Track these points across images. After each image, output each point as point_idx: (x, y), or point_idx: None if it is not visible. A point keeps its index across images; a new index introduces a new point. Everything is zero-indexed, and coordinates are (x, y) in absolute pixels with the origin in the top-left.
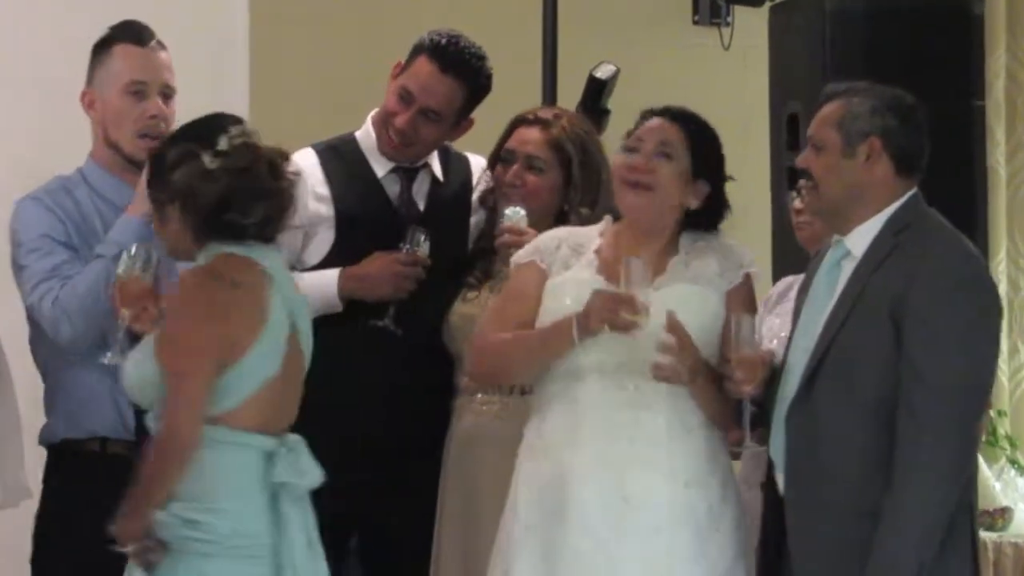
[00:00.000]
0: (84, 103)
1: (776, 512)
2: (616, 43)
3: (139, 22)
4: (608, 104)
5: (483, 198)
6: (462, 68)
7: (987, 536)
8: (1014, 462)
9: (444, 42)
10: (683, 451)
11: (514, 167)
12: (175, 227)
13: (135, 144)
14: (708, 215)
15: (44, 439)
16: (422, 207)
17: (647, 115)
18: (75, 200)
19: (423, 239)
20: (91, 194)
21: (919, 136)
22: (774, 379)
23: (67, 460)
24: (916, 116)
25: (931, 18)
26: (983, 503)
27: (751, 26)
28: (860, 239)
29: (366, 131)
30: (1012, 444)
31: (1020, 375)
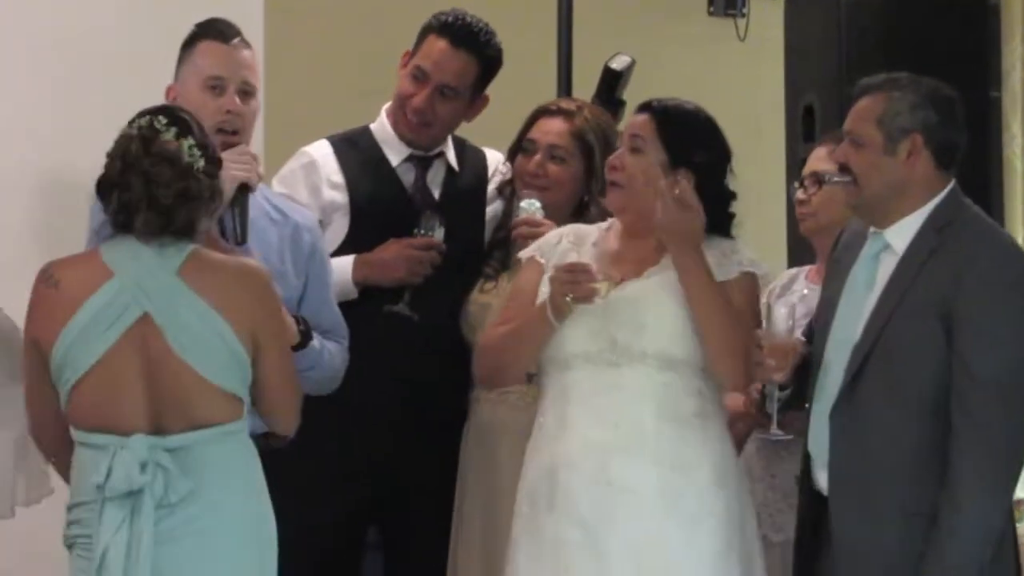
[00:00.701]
0: (168, 98)
1: (813, 508)
2: (632, 34)
3: (225, 20)
4: (623, 95)
5: (501, 188)
6: (473, 41)
7: None
8: None
9: (451, 19)
10: (672, 436)
11: (536, 157)
12: None
13: (212, 139)
14: (706, 210)
15: None
16: (437, 195)
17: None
18: None
19: (438, 225)
20: None
21: (958, 129)
22: (805, 369)
23: None
24: (955, 109)
25: (947, 9)
26: None
27: (766, 17)
28: (901, 234)
29: (380, 122)
30: None
31: None
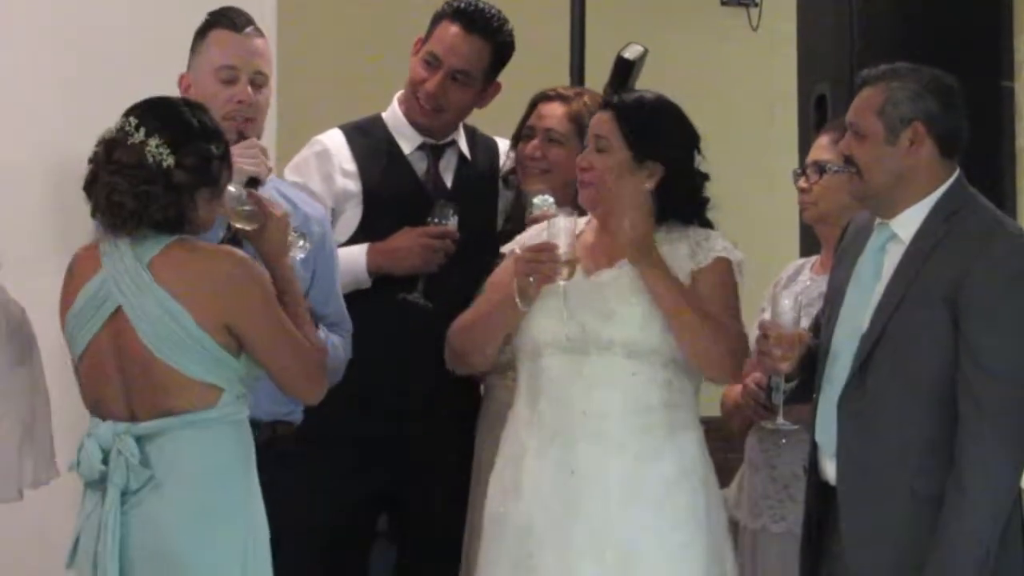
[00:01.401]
0: (181, 87)
1: (820, 499)
2: (644, 24)
3: (237, 8)
4: (636, 85)
5: (505, 177)
6: (486, 27)
7: None
8: None
9: (465, 5)
10: (637, 425)
11: (533, 141)
12: None
13: (223, 127)
14: (678, 199)
15: None
16: (449, 184)
17: None
18: None
19: (451, 213)
20: None
21: (960, 117)
22: (811, 360)
23: None
24: (956, 97)
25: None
26: None
27: (779, 7)
28: (907, 223)
29: (392, 110)
30: None
31: None
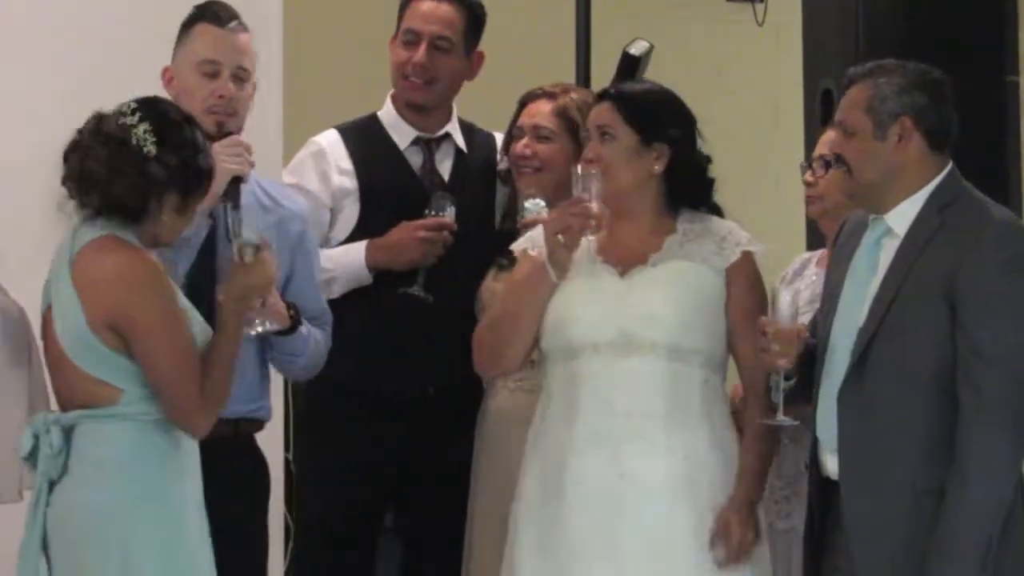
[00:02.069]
0: (164, 80)
1: (822, 494)
2: (650, 19)
3: (222, 3)
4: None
5: (503, 177)
6: None
7: None
8: None
9: None
10: (682, 427)
11: (523, 140)
12: None
13: (204, 120)
14: (688, 180)
15: None
16: (446, 176)
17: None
18: None
19: (448, 205)
20: None
21: (948, 110)
22: (810, 355)
23: None
24: (943, 90)
25: None
26: None
27: (784, 2)
28: (902, 217)
29: (386, 108)
30: None
31: None
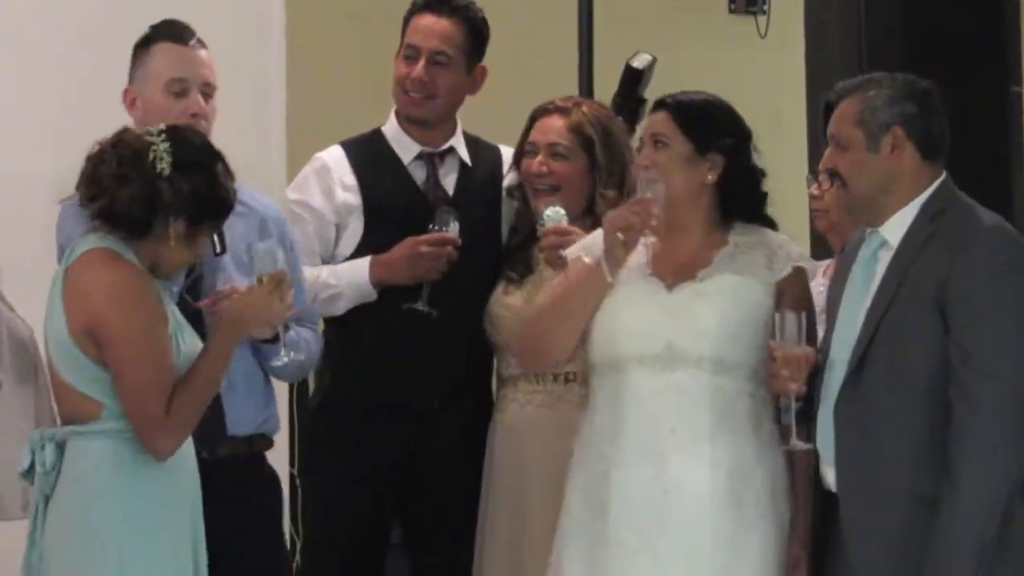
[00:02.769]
0: (126, 102)
1: (822, 507)
2: (652, 32)
3: (179, 21)
4: (644, 94)
5: (510, 191)
6: (453, 6)
7: None
8: None
9: None
10: (727, 442)
11: (538, 158)
12: None
13: None
14: (741, 192)
15: None
16: (451, 191)
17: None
18: None
19: (452, 220)
20: None
21: (939, 120)
22: (817, 375)
23: None
24: (933, 99)
25: (968, 5)
26: None
27: (787, 14)
28: (896, 228)
29: (390, 123)
30: None
31: None
